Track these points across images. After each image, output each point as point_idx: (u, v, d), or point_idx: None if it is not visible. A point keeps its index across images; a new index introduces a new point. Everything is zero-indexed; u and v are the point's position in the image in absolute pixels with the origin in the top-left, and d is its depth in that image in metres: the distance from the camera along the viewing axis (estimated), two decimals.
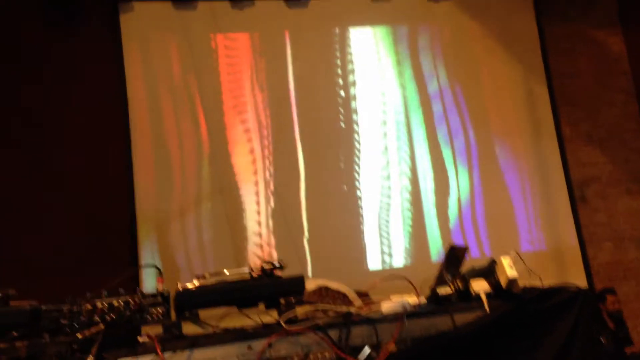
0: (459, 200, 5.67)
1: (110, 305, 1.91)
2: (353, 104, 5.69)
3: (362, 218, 5.49)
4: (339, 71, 5.74)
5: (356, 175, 5.58)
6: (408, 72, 5.83)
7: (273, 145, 5.49)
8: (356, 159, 5.61)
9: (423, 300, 2.16)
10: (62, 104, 5.27)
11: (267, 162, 5.47)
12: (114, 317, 1.88)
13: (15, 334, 1.82)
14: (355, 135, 5.66)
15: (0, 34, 5.25)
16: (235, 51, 5.63)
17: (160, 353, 1.78)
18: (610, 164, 6.10)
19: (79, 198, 5.12)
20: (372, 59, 5.83)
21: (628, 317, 5.49)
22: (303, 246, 5.28)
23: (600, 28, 6.32)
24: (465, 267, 2.28)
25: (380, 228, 5.52)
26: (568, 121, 6.06)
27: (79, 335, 1.76)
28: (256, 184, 5.41)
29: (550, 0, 6.19)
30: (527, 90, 6.01)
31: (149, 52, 5.51)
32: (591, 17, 6.29)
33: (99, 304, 1.90)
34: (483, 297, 2.00)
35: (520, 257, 2.06)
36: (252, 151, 5.45)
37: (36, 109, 5.23)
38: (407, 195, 5.62)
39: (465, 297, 2.06)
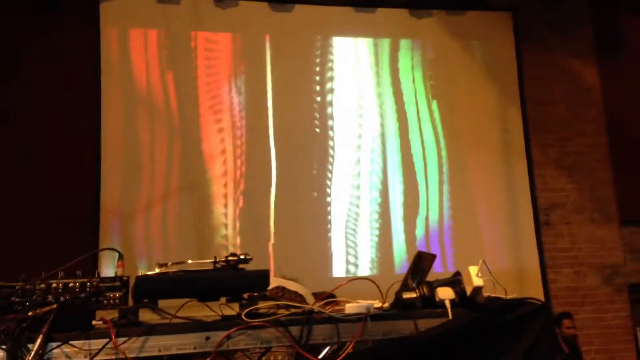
0: (427, 214, 5.70)
1: (66, 285, 1.84)
2: (329, 110, 5.71)
3: (330, 226, 5.48)
4: (318, 78, 5.76)
5: (328, 182, 5.58)
6: (386, 84, 5.88)
7: (246, 147, 5.46)
8: (329, 166, 5.61)
9: (387, 306, 2.15)
10: (35, 93, 5.17)
11: (238, 162, 5.43)
12: (68, 298, 1.81)
13: None
14: (330, 142, 5.67)
15: None
16: (215, 52, 5.60)
17: (114, 338, 1.72)
18: (576, 191, 6.21)
19: (47, 188, 5.01)
20: (351, 69, 5.86)
21: (583, 342, 5.58)
22: (268, 249, 5.23)
23: (577, 58, 6.46)
24: (429, 279, 2.27)
25: (347, 237, 5.51)
26: (538, 146, 6.16)
27: (30, 313, 1.69)
28: (226, 184, 5.36)
29: (530, 27, 6.31)
30: (501, 112, 6.11)
31: (127, 44, 5.44)
32: (568, 47, 6.43)
33: (54, 284, 1.83)
34: (447, 303, 1.98)
35: (487, 267, 2.05)
36: (224, 151, 5.40)
37: (9, 98, 5.12)
38: (376, 206, 5.64)
39: (430, 303, 2.05)
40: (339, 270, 5.42)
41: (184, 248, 5.10)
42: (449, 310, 1.98)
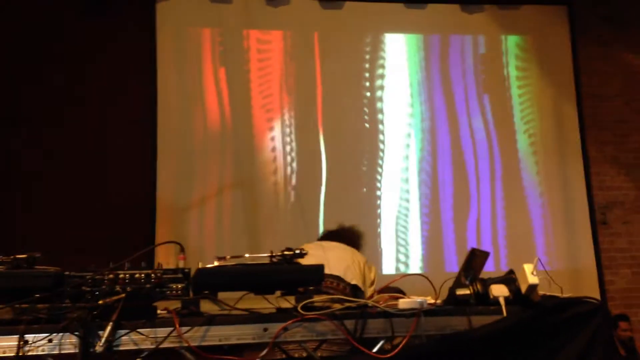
0: (478, 212, 5.65)
1: (132, 276, 1.93)
2: (379, 105, 5.72)
3: (380, 221, 5.50)
4: (367, 75, 5.77)
5: (377, 177, 5.59)
6: (436, 80, 5.84)
7: (296, 143, 5.53)
8: (379, 161, 5.62)
9: (440, 302, 2.17)
10: (91, 92, 5.37)
11: (289, 159, 5.50)
12: (134, 288, 1.90)
13: (37, 296, 1.85)
14: (380, 136, 5.67)
15: (38, 25, 5.37)
16: (267, 53, 5.67)
17: (178, 327, 1.80)
18: (635, 189, 6.02)
19: (107, 183, 5.22)
20: (401, 65, 5.84)
21: None
22: None
23: (635, 52, 6.27)
24: (482, 277, 2.27)
25: (397, 233, 5.52)
26: (595, 142, 6.00)
27: (100, 302, 1.78)
28: (276, 182, 5.44)
29: (586, 21, 6.15)
30: (557, 108, 5.98)
31: (182, 43, 5.58)
32: (626, 41, 6.24)
33: (121, 275, 1.93)
34: (502, 301, 1.99)
35: (543, 265, 2.04)
36: (274, 149, 5.48)
37: (67, 95, 5.33)
38: (427, 203, 5.61)
39: (484, 300, 2.05)
40: (388, 266, 5.43)
41: (236, 242, 5.21)
42: (504, 308, 1.98)
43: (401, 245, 5.51)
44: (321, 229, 5.30)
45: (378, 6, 5.90)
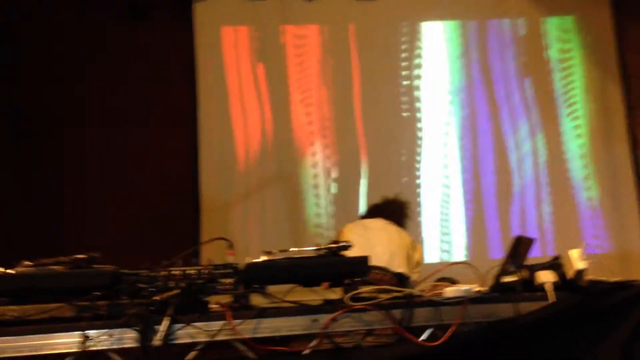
0: (522, 198, 5.58)
1: (184, 273, 2.01)
2: (417, 94, 5.69)
3: (420, 210, 5.49)
4: (404, 64, 5.75)
5: (417, 166, 5.58)
6: (475, 65, 5.77)
7: (336, 136, 5.56)
8: (417, 149, 5.61)
9: (486, 289, 2.18)
10: (135, 90, 5.51)
11: (328, 152, 5.55)
12: (187, 284, 1.97)
13: (97, 294, 1.95)
14: (418, 124, 5.65)
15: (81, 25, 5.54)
16: (304, 47, 5.71)
17: (230, 320, 1.87)
18: None
19: (148, 183, 5.36)
20: (439, 53, 5.79)
21: None
22: None
23: None
24: (527, 263, 2.27)
25: (439, 222, 5.50)
26: None
27: (157, 298, 1.86)
28: (316, 175, 5.50)
29: (630, 0, 5.98)
30: (601, 89, 5.83)
31: (220, 41, 5.67)
32: None
33: (174, 271, 2.01)
34: (549, 286, 1.99)
35: (590, 248, 2.03)
36: (313, 143, 5.53)
37: (110, 98, 5.48)
38: (469, 190, 5.57)
39: (530, 286, 2.06)
40: (431, 256, 5.42)
41: (279, 236, 5.29)
42: (551, 293, 1.98)
43: (444, 234, 5.50)
44: None
45: None
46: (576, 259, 1.98)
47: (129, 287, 1.98)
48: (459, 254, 5.47)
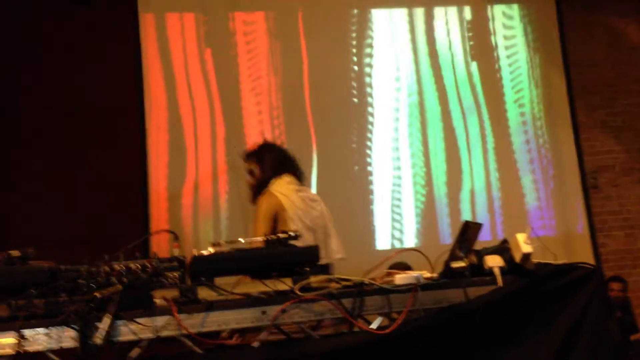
0: (471, 183, 5.67)
1: (128, 267, 1.93)
2: (367, 80, 5.69)
3: (373, 198, 5.51)
4: (354, 50, 5.73)
5: (368, 152, 5.59)
6: (423, 52, 5.81)
7: (285, 126, 5.51)
8: (369, 136, 5.61)
9: (436, 275, 2.18)
10: (77, 79, 5.31)
11: (279, 142, 5.48)
12: (130, 279, 1.90)
13: (33, 292, 1.85)
14: (369, 109, 5.65)
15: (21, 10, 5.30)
16: (252, 34, 5.61)
17: (176, 315, 1.80)
18: (625, 153, 6.07)
19: (94, 173, 5.19)
20: (387, 40, 5.80)
21: (637, 305, 5.50)
22: None
23: (620, 17, 6.26)
24: (477, 247, 2.28)
25: (390, 209, 5.53)
26: (583, 108, 6.02)
27: (97, 294, 1.78)
28: None
29: None
30: (544, 75, 5.97)
31: (165, 28, 5.51)
32: (611, 6, 6.23)
33: (116, 266, 1.92)
34: (496, 271, 2.00)
35: (535, 233, 2.06)
36: (263, 132, 5.46)
37: (48, 82, 5.27)
38: (419, 177, 5.62)
39: (479, 271, 2.07)
40: (383, 242, 5.46)
41: (231, 227, 5.22)
42: (499, 278, 2.00)
43: (396, 221, 5.53)
44: None
45: None
46: (522, 243, 2.00)
47: (68, 283, 1.89)
48: (411, 240, 5.52)
